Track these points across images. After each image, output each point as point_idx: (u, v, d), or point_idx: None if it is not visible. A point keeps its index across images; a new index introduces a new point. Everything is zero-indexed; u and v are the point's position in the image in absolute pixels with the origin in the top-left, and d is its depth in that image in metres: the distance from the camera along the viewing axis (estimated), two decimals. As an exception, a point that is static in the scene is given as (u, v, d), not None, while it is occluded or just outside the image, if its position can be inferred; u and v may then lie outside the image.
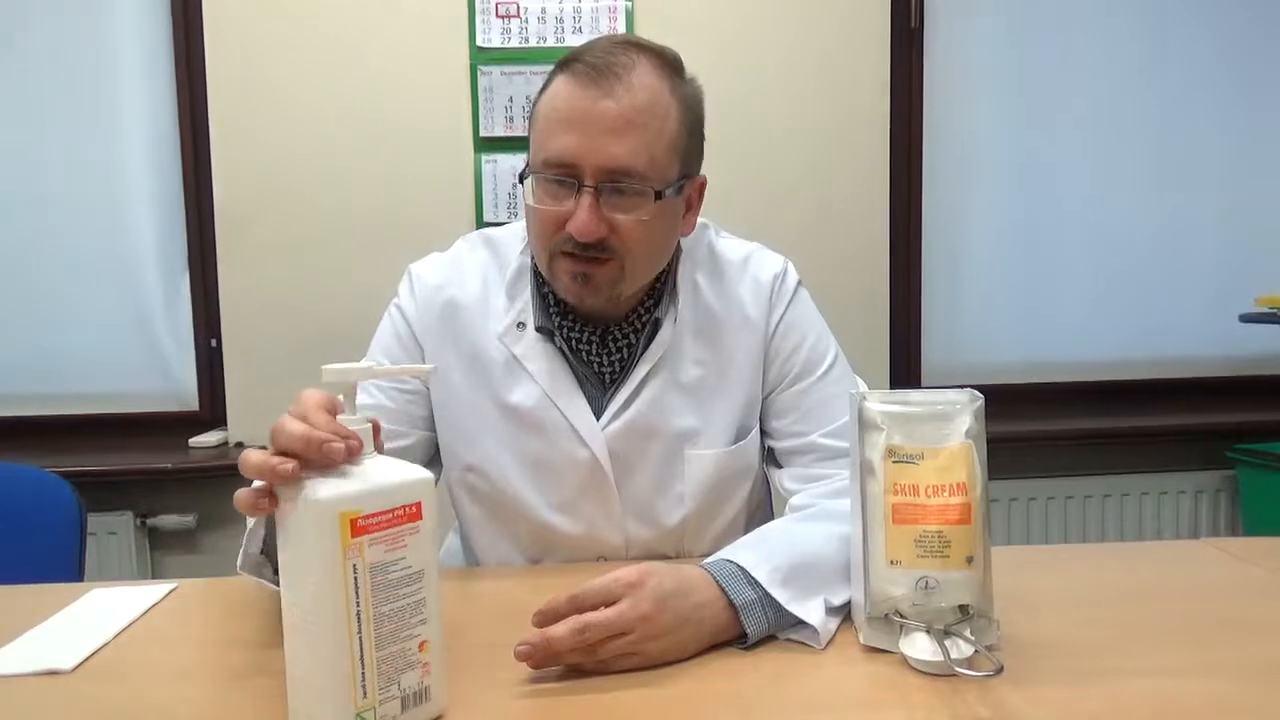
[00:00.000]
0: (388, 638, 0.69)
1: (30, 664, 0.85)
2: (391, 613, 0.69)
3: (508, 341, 1.10)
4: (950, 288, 2.49)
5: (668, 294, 1.11)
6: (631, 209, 0.98)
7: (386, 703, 0.69)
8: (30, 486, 1.40)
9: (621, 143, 0.96)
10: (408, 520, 0.69)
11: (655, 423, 1.09)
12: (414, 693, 0.71)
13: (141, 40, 2.28)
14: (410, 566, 0.70)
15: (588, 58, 0.98)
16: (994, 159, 2.47)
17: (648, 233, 1.00)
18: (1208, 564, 1.08)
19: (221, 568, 2.27)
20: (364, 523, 0.67)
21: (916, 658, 0.78)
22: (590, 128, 0.96)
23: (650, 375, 1.09)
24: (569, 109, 0.97)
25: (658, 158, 0.99)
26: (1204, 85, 2.49)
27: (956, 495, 0.80)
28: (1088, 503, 2.41)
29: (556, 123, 0.98)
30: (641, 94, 0.97)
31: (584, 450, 1.08)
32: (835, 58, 2.28)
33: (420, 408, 1.14)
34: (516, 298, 1.11)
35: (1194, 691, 0.75)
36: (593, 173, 0.97)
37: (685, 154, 1.03)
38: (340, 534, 0.66)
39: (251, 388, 2.25)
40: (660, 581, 0.81)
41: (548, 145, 0.99)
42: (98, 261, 2.31)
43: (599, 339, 1.09)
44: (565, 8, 2.22)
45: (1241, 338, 2.44)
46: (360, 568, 0.67)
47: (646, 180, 0.98)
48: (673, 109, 1.00)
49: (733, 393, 1.12)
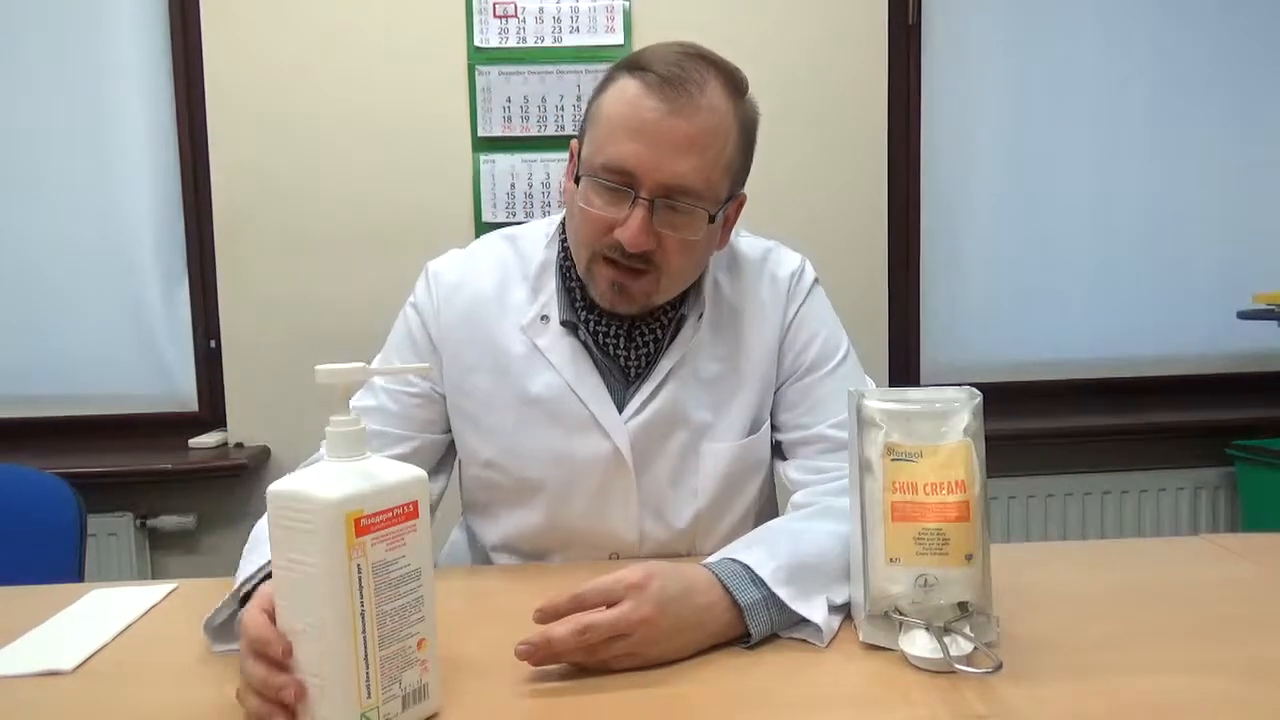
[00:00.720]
0: (390, 637, 0.69)
1: (30, 665, 0.85)
2: (393, 611, 0.69)
3: (531, 334, 1.10)
4: (949, 285, 2.49)
5: (694, 292, 1.12)
6: (682, 228, 0.99)
7: (389, 702, 0.69)
8: (30, 488, 1.40)
9: (685, 161, 0.96)
10: (406, 519, 0.70)
11: (676, 416, 1.10)
12: (413, 690, 0.71)
13: (140, 41, 2.28)
14: (409, 564, 0.70)
15: (659, 67, 0.96)
16: (992, 156, 2.48)
17: (691, 252, 1.02)
18: (1207, 561, 1.08)
19: (221, 568, 2.27)
20: (367, 522, 0.67)
21: (916, 655, 0.78)
22: (656, 141, 0.95)
23: (673, 370, 1.10)
24: (636, 117, 0.96)
25: (714, 180, 0.99)
26: (1203, 81, 2.49)
27: (955, 493, 0.80)
28: (1087, 500, 2.42)
29: (621, 128, 0.97)
30: (709, 116, 0.97)
31: (606, 443, 1.09)
32: (833, 55, 2.28)
33: (426, 411, 1.13)
34: (541, 291, 1.11)
35: (1193, 688, 0.75)
36: (651, 187, 0.97)
37: (736, 175, 1.04)
38: (346, 534, 0.66)
39: (250, 388, 2.25)
40: (663, 584, 0.81)
41: (608, 149, 0.98)
42: (97, 262, 2.30)
43: (625, 333, 1.09)
44: (563, 8, 2.22)
45: (1240, 334, 2.44)
46: (364, 567, 0.67)
47: (702, 201, 0.98)
48: (733, 132, 1.00)
49: (748, 386, 1.12)
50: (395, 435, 1.11)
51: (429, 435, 1.14)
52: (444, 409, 1.14)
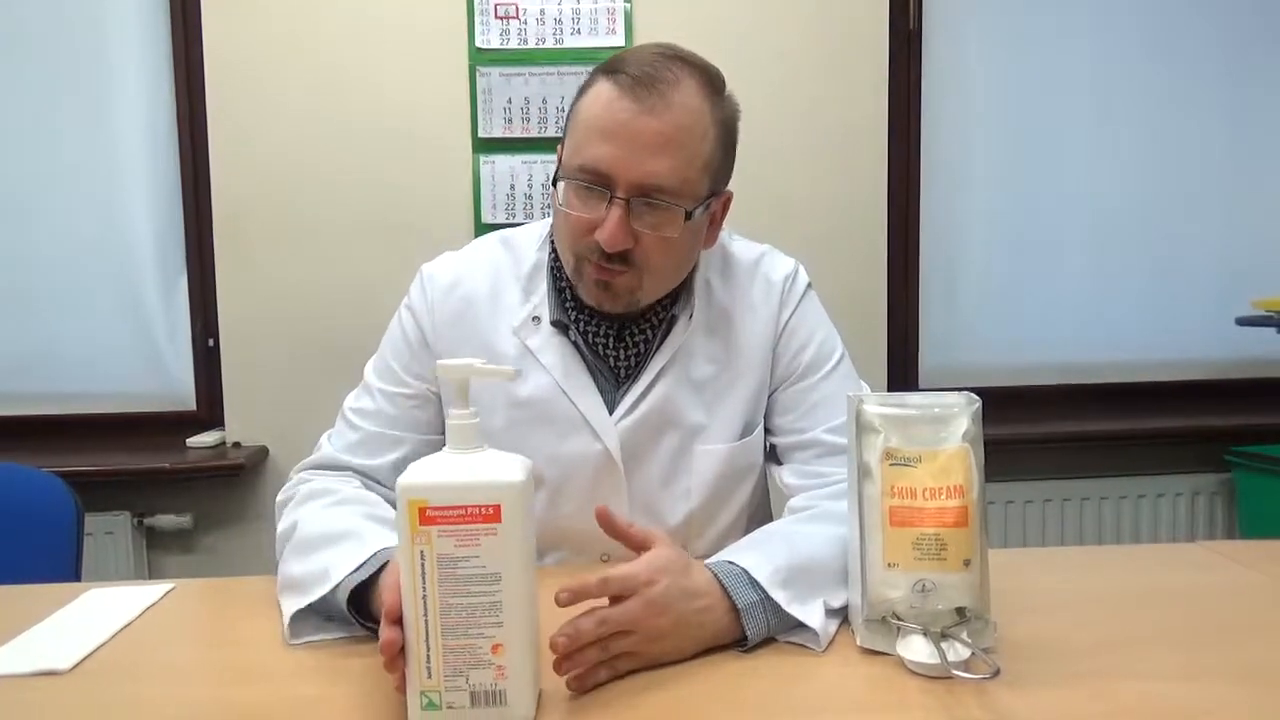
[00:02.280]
0: (455, 630, 0.70)
1: (27, 664, 0.85)
2: (460, 606, 0.70)
3: (522, 335, 1.11)
4: (948, 290, 2.50)
5: (684, 293, 1.12)
6: (660, 226, 0.99)
7: (453, 692, 0.71)
8: (27, 486, 1.39)
9: (658, 160, 0.97)
10: (483, 520, 0.70)
11: (667, 417, 1.10)
12: (486, 692, 0.71)
13: (140, 40, 2.28)
14: (484, 566, 0.70)
15: (632, 68, 0.97)
16: (992, 162, 2.48)
17: (671, 250, 1.02)
18: (1203, 567, 1.08)
19: (219, 568, 2.28)
20: (432, 513, 0.69)
21: (913, 660, 0.78)
22: (629, 141, 0.96)
23: (664, 371, 1.10)
24: (609, 118, 0.97)
25: (691, 178, 0.99)
26: (1202, 89, 2.50)
27: (954, 498, 0.80)
28: (1085, 505, 2.42)
29: (595, 130, 0.98)
30: (683, 114, 0.97)
31: (597, 443, 1.09)
32: (833, 61, 2.28)
33: (423, 412, 1.13)
34: (533, 292, 1.12)
35: (1189, 695, 0.75)
36: (626, 186, 0.97)
37: (716, 173, 1.04)
38: (410, 519, 0.69)
39: (249, 388, 2.25)
40: (668, 586, 0.81)
41: (584, 151, 0.99)
42: (96, 261, 2.30)
43: (615, 334, 1.10)
44: (564, 9, 2.23)
45: (1239, 341, 2.45)
46: (428, 555, 0.69)
47: (678, 199, 0.99)
48: (710, 130, 1.00)
49: (741, 389, 1.13)
50: (393, 437, 1.12)
51: (427, 436, 1.14)
52: (440, 410, 1.14)
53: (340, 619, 0.90)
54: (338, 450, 1.12)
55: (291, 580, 0.94)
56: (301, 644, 0.89)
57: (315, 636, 0.90)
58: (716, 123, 1.01)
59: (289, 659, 0.86)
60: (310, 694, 0.79)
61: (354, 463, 1.11)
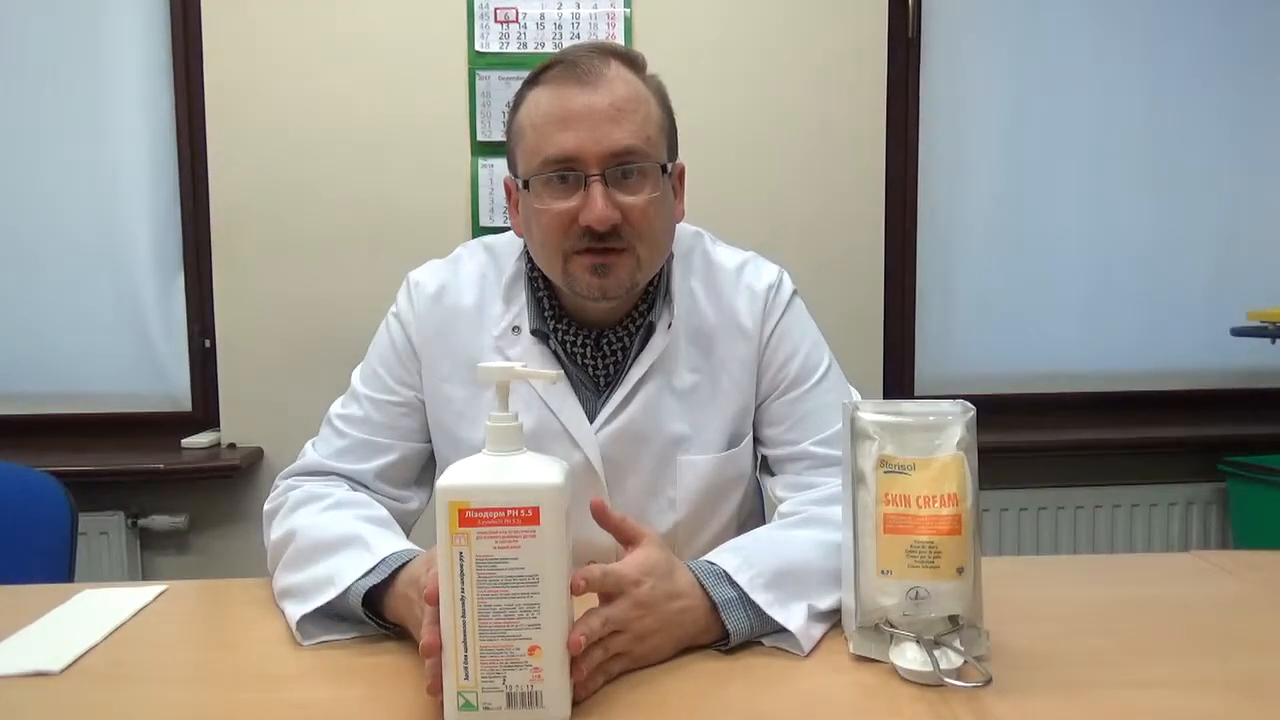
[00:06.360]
0: (493, 631, 0.71)
1: (19, 665, 0.84)
2: (498, 608, 0.70)
3: (503, 345, 1.10)
4: (944, 298, 2.50)
5: (661, 298, 1.11)
6: (639, 189, 1.01)
7: (489, 692, 0.71)
8: (21, 486, 1.39)
9: (619, 128, 0.99)
10: (522, 523, 0.70)
11: (649, 427, 1.10)
12: (522, 693, 0.72)
13: (139, 41, 2.28)
14: (523, 568, 0.70)
15: (560, 65, 1.02)
16: (989, 169, 2.49)
17: (657, 212, 1.03)
18: (1196, 577, 1.08)
19: (212, 569, 2.27)
20: (472, 515, 0.70)
21: (906, 667, 0.78)
22: (585, 119, 0.99)
23: (644, 380, 1.10)
24: (561, 107, 1.00)
25: (652, 137, 1.03)
26: (1199, 98, 2.51)
27: (948, 506, 0.80)
28: (1079, 514, 2.42)
29: (551, 123, 1.00)
30: (622, 85, 1.02)
31: (577, 453, 1.08)
32: (832, 67, 2.29)
33: (410, 419, 1.14)
34: (512, 302, 1.12)
35: (1181, 704, 0.75)
36: (598, 160, 0.99)
37: (670, 137, 1.07)
38: (450, 521, 0.70)
39: (244, 389, 2.24)
40: (653, 587, 0.82)
41: (544, 148, 1.00)
42: (92, 261, 2.30)
43: (593, 342, 1.09)
44: (564, 13, 2.23)
45: (1234, 351, 2.45)
46: (466, 556, 0.70)
47: (649, 157, 1.01)
48: (650, 98, 1.05)
49: (726, 400, 1.12)
50: (380, 444, 1.12)
51: (413, 444, 1.14)
52: (425, 417, 1.14)
53: (352, 619, 0.90)
54: (324, 456, 1.12)
55: (296, 585, 0.94)
56: (313, 645, 0.89)
57: (327, 636, 0.90)
58: (654, 90, 1.06)
59: (283, 661, 0.86)
60: (308, 698, 0.79)
61: (340, 468, 1.11)
